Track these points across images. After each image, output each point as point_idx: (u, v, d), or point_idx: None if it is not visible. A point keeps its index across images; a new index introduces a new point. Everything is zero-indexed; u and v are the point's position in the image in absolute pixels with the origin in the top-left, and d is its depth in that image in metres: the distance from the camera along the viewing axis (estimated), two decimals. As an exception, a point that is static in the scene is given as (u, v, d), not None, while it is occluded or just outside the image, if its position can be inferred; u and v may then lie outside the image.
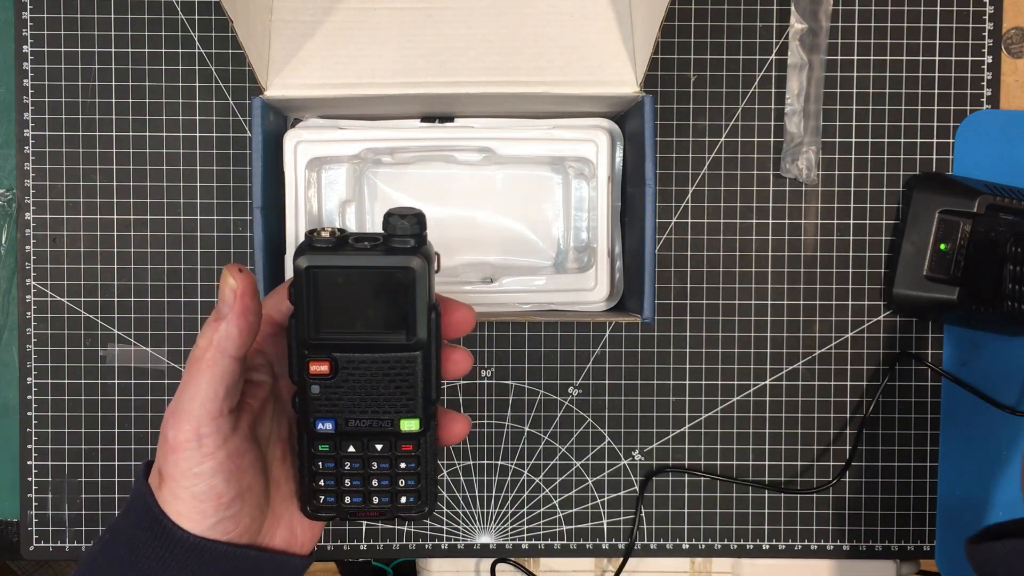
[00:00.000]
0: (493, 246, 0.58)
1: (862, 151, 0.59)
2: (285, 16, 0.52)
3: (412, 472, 0.41)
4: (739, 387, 0.60)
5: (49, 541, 0.59)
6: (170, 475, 0.37)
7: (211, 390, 0.37)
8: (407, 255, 0.38)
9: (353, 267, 0.38)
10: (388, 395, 0.40)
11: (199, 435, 0.37)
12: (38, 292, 0.59)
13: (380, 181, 0.57)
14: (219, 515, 0.38)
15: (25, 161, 0.58)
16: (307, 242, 0.38)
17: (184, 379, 0.38)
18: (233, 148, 0.59)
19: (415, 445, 0.41)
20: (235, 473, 0.38)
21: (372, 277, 0.38)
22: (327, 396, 0.40)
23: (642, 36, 0.50)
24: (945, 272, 0.57)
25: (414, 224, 0.38)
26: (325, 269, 0.38)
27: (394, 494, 0.42)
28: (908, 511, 0.60)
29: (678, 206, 0.59)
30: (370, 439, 0.41)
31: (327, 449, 0.41)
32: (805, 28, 0.58)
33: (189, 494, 0.37)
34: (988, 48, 0.59)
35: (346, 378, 0.40)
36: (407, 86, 0.51)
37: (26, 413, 0.59)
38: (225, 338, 0.37)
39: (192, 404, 0.37)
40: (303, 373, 0.40)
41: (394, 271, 0.38)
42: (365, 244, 0.38)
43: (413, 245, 0.38)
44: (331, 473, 0.41)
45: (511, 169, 0.57)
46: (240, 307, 0.37)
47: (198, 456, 0.37)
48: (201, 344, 0.38)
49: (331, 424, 0.40)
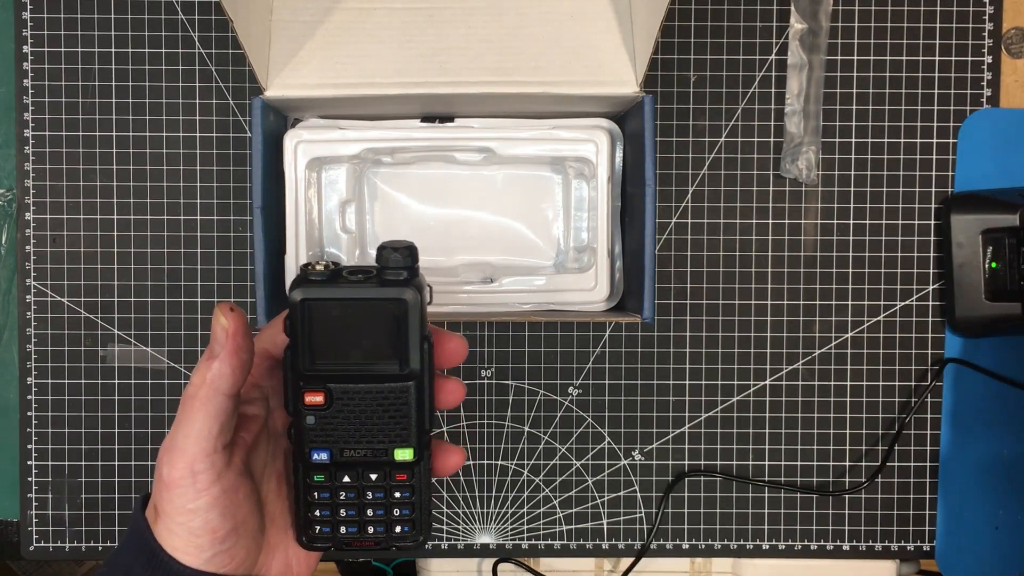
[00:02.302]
0: (493, 246, 0.58)
1: (862, 151, 0.59)
2: (285, 16, 0.52)
3: (407, 501, 0.42)
4: (739, 387, 0.60)
5: (49, 541, 0.59)
6: (165, 511, 0.37)
7: (205, 428, 0.37)
8: (400, 287, 0.39)
9: (347, 299, 0.39)
10: (382, 425, 0.41)
11: (193, 472, 0.37)
12: (38, 292, 0.59)
13: (380, 181, 0.57)
14: (215, 549, 0.38)
15: (25, 161, 0.58)
16: (302, 275, 0.39)
17: (178, 417, 0.38)
18: (233, 148, 0.59)
19: (409, 475, 0.42)
20: (230, 508, 0.38)
21: (366, 309, 0.39)
22: (322, 426, 0.40)
23: (642, 36, 0.50)
24: (1003, 289, 0.57)
25: (406, 257, 0.39)
26: (319, 301, 0.39)
27: (389, 523, 0.42)
28: (908, 511, 0.60)
29: (678, 206, 0.59)
30: (365, 469, 0.41)
31: (322, 479, 0.41)
32: (805, 28, 0.58)
33: (184, 529, 0.37)
34: (988, 48, 0.59)
35: (341, 408, 0.40)
36: (407, 86, 0.51)
37: (26, 413, 0.59)
38: (218, 376, 0.38)
39: (187, 441, 0.37)
40: (298, 404, 0.40)
41: (387, 303, 0.39)
42: (359, 277, 0.39)
43: (406, 277, 0.39)
44: (327, 503, 0.41)
45: (511, 169, 0.57)
46: (232, 346, 0.38)
47: (192, 492, 0.37)
48: (195, 382, 0.38)
49: (326, 454, 0.41)
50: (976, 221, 0.57)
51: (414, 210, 0.57)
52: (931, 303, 0.60)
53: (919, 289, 0.60)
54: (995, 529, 0.60)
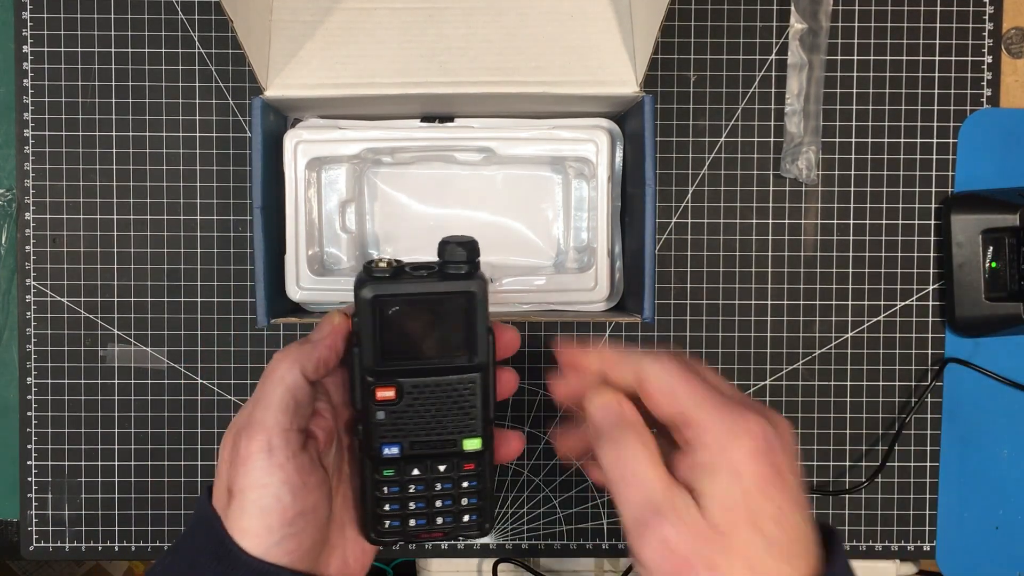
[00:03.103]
0: (493, 246, 0.58)
1: (862, 151, 0.59)
2: (285, 16, 0.52)
3: (474, 491, 0.43)
4: (739, 387, 0.60)
5: (49, 541, 0.59)
6: (239, 488, 0.38)
7: (283, 402, 0.38)
8: (466, 280, 0.40)
9: (418, 294, 0.40)
10: (451, 416, 0.42)
11: (270, 446, 0.38)
12: (38, 292, 0.59)
13: (380, 181, 0.57)
14: (284, 531, 0.38)
15: (25, 161, 0.58)
16: (366, 273, 0.40)
17: (256, 394, 0.39)
18: (233, 148, 0.59)
19: (476, 463, 0.42)
20: (301, 489, 0.38)
21: (435, 303, 0.40)
22: (392, 421, 0.41)
23: (642, 36, 0.50)
24: (1003, 289, 0.57)
25: (470, 251, 0.40)
26: (390, 297, 0.39)
27: (457, 513, 0.43)
28: (908, 511, 0.60)
29: (678, 206, 0.59)
30: (434, 461, 0.42)
31: (392, 473, 0.42)
32: (805, 28, 0.58)
33: (256, 507, 0.37)
34: (988, 48, 0.59)
35: (411, 402, 0.41)
36: (407, 86, 0.51)
37: (26, 413, 0.59)
38: (305, 356, 0.39)
39: (266, 414, 0.38)
40: (368, 400, 0.41)
41: (456, 296, 0.40)
42: (422, 272, 0.40)
43: (468, 271, 0.40)
44: (396, 497, 0.42)
45: (511, 169, 0.57)
46: (331, 340, 0.40)
47: (268, 466, 0.37)
48: (278, 357, 0.39)
49: (396, 448, 0.41)
50: (976, 221, 0.57)
51: (414, 210, 0.57)
52: (931, 303, 0.60)
53: (919, 289, 0.60)
54: (995, 529, 0.60)
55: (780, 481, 0.34)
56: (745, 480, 0.34)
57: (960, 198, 0.58)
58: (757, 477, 0.34)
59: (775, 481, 0.34)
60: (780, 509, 0.34)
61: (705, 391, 0.36)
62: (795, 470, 0.35)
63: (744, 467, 0.34)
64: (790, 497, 0.34)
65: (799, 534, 0.34)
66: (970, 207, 0.58)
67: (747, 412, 0.35)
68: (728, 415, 0.35)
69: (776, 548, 0.33)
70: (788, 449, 0.35)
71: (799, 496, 0.35)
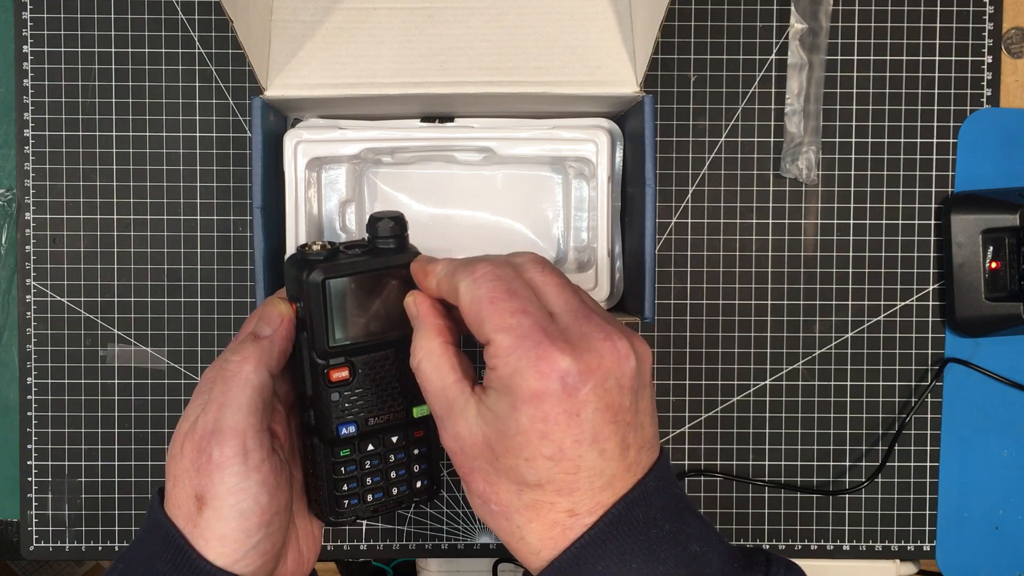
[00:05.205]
0: (493, 246, 0.58)
1: (862, 151, 0.59)
2: (285, 16, 0.52)
3: (424, 456, 0.43)
4: (739, 387, 0.60)
5: (49, 541, 0.59)
6: (215, 495, 0.37)
7: (252, 405, 0.38)
8: (406, 253, 0.41)
9: (363, 271, 0.40)
10: (401, 388, 0.42)
11: (245, 449, 0.37)
12: (38, 292, 0.59)
13: (380, 181, 0.57)
14: (261, 533, 0.38)
15: (25, 161, 0.58)
16: (300, 257, 0.40)
17: (217, 399, 0.38)
18: (233, 148, 0.59)
19: (425, 429, 0.43)
20: (276, 490, 0.38)
21: (379, 278, 0.41)
22: (347, 400, 0.41)
23: (642, 36, 0.50)
24: (1004, 289, 0.57)
25: (399, 225, 0.42)
26: (338, 278, 0.40)
27: (410, 481, 0.43)
28: (908, 511, 0.60)
29: (678, 206, 0.59)
30: (387, 433, 0.42)
31: (348, 453, 0.42)
32: (805, 28, 0.58)
33: (235, 512, 0.37)
34: (988, 48, 0.59)
35: (363, 380, 0.41)
36: (407, 86, 0.51)
37: (26, 413, 0.59)
38: (267, 353, 0.39)
39: (236, 418, 0.37)
40: (321, 383, 0.40)
41: (398, 269, 0.41)
42: (356, 251, 0.41)
43: (398, 244, 0.41)
44: (354, 476, 0.42)
45: (511, 169, 0.57)
46: (284, 331, 0.40)
47: (245, 470, 0.37)
48: (235, 360, 0.38)
49: (354, 427, 0.41)
50: (976, 221, 0.57)
51: (414, 210, 0.57)
52: (931, 303, 0.60)
53: (919, 289, 0.60)
54: (995, 529, 0.60)
55: (568, 422, 0.32)
56: (522, 420, 0.32)
57: (960, 198, 0.58)
58: (536, 419, 0.32)
59: (561, 422, 0.32)
60: (560, 450, 0.32)
61: (513, 315, 0.33)
62: (609, 407, 0.33)
63: (524, 409, 0.32)
64: (579, 435, 0.32)
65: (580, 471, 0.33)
66: (970, 207, 0.58)
67: (551, 349, 0.32)
68: (526, 349, 0.33)
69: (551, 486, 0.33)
70: (603, 386, 0.33)
71: (599, 434, 0.33)
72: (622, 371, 0.33)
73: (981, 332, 0.58)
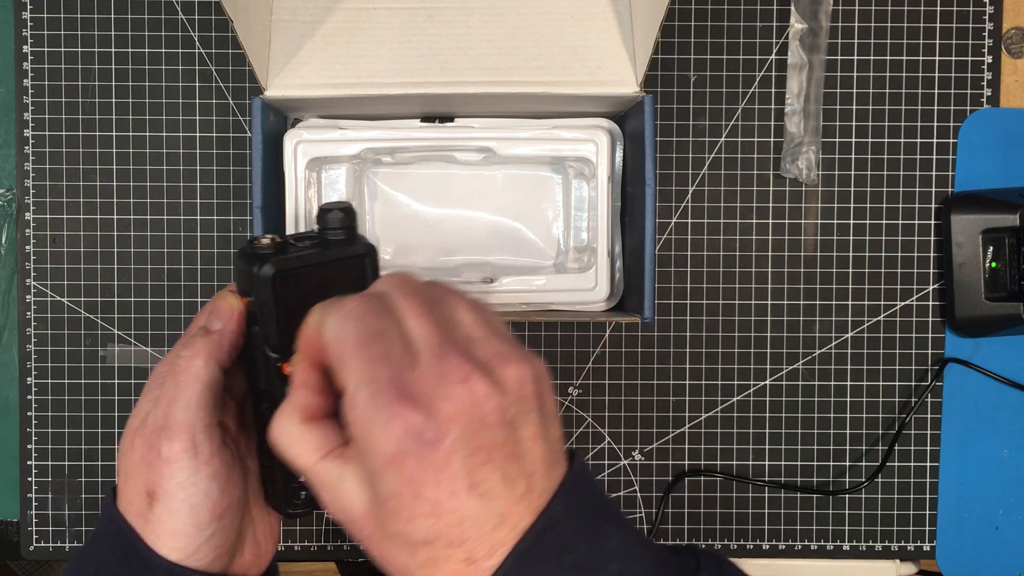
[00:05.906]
0: (493, 246, 0.58)
1: (862, 151, 0.59)
2: (285, 16, 0.52)
3: None
4: (739, 387, 0.60)
5: (49, 541, 0.59)
6: (164, 490, 0.37)
7: (202, 400, 0.38)
8: (357, 244, 0.41)
9: (316, 264, 0.40)
10: None
11: (195, 443, 0.37)
12: (38, 292, 0.59)
13: (380, 181, 0.57)
14: (214, 527, 0.38)
15: (25, 161, 0.58)
16: (250, 251, 0.39)
17: (167, 395, 0.38)
18: (233, 148, 0.59)
19: None
20: (227, 484, 0.38)
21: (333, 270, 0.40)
22: None
23: (642, 36, 0.50)
24: (1004, 289, 0.57)
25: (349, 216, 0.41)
26: (290, 272, 0.39)
27: None
28: (908, 511, 0.60)
29: (678, 206, 0.59)
30: None
31: None
32: (805, 28, 0.58)
33: (186, 506, 0.37)
34: (988, 48, 0.59)
35: None
36: (407, 86, 0.51)
37: (26, 413, 0.59)
38: (218, 347, 0.38)
39: (185, 413, 0.37)
40: (275, 377, 0.40)
41: (351, 260, 0.41)
42: (306, 243, 0.40)
43: (348, 235, 0.41)
44: None
45: (511, 169, 0.57)
46: (235, 325, 0.39)
47: (194, 465, 0.37)
48: (185, 355, 0.38)
49: None
50: (976, 221, 0.57)
51: (414, 210, 0.57)
52: (931, 303, 0.60)
53: (919, 289, 0.60)
54: (995, 529, 0.60)
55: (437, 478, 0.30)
56: (391, 484, 0.31)
57: (960, 198, 0.58)
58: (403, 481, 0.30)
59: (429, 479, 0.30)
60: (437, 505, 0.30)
61: (371, 364, 0.31)
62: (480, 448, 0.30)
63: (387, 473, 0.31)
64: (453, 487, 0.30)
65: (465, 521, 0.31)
66: (970, 207, 0.58)
67: (402, 407, 0.30)
68: (377, 409, 0.30)
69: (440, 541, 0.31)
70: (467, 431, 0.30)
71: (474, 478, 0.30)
72: (484, 412, 0.31)
73: (981, 332, 0.58)
